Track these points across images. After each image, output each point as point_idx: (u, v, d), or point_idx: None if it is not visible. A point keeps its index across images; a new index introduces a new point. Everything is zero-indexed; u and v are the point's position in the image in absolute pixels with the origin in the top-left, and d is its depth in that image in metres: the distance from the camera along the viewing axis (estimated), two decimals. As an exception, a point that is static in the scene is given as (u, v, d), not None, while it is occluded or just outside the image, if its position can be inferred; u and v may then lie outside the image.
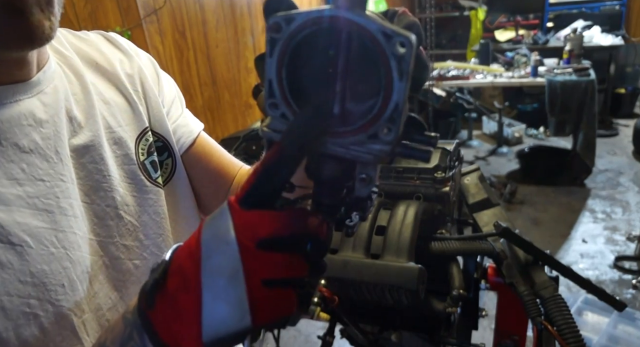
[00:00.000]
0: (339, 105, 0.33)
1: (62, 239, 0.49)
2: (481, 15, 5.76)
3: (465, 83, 4.27)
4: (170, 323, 0.36)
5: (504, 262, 0.92)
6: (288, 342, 2.34)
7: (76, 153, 0.54)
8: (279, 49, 0.33)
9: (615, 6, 5.66)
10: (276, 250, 0.34)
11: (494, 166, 4.46)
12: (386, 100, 0.31)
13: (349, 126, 0.33)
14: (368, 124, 0.32)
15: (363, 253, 0.88)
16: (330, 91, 0.33)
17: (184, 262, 0.36)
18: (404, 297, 0.83)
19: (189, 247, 0.36)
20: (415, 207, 0.92)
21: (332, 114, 0.33)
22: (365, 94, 0.32)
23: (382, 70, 0.31)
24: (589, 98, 3.55)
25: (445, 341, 0.97)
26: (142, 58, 0.70)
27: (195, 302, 0.34)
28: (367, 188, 0.35)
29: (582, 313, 2.24)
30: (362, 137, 0.33)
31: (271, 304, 0.35)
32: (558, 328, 0.78)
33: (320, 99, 0.33)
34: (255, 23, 3.13)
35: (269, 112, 0.35)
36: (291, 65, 0.33)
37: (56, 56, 0.58)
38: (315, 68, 0.33)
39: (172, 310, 0.36)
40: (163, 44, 2.32)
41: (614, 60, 5.25)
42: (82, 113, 0.56)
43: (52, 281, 0.47)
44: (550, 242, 3.07)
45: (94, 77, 0.61)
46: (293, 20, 0.32)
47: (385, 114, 0.32)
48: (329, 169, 0.35)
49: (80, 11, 2.05)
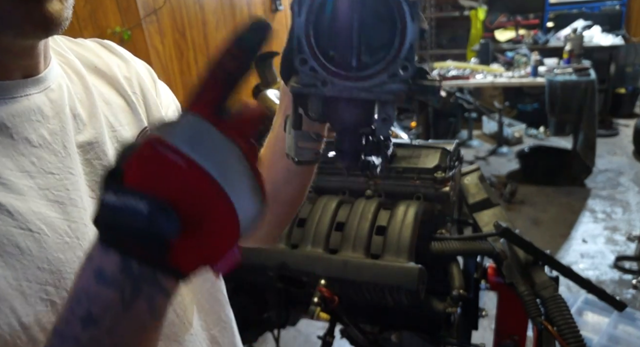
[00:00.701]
0: (356, 58, 0.37)
1: (75, 230, 0.50)
2: (481, 15, 5.75)
3: (465, 83, 4.26)
4: (196, 253, 0.35)
5: (504, 262, 0.92)
6: (288, 342, 2.34)
7: (81, 149, 0.55)
8: (306, 9, 0.38)
9: (615, 6, 5.66)
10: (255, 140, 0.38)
11: (494, 166, 4.46)
12: (402, 42, 0.36)
13: (368, 71, 0.37)
14: (387, 65, 0.37)
15: (363, 253, 0.88)
16: (348, 45, 0.37)
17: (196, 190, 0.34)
18: (404, 298, 0.83)
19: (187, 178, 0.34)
20: (415, 207, 0.92)
21: (350, 66, 0.38)
22: (377, 47, 0.37)
23: (396, 16, 0.36)
24: (589, 98, 3.55)
25: (445, 341, 0.97)
26: (138, 64, 0.71)
27: (230, 215, 0.35)
28: (387, 127, 0.39)
29: (582, 313, 2.24)
30: (383, 78, 0.37)
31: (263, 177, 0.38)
32: (558, 328, 0.78)
33: (341, 53, 0.38)
34: (255, 23, 3.13)
35: (299, 67, 0.39)
36: (317, 24, 0.38)
37: (58, 58, 0.59)
38: (336, 25, 0.38)
39: (198, 240, 0.35)
40: (163, 44, 2.32)
41: (614, 60, 5.25)
42: (85, 111, 0.57)
43: (67, 269, 0.48)
44: (550, 242, 3.07)
45: (94, 79, 0.62)
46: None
47: (402, 54, 0.37)
48: (350, 114, 0.40)
49: (80, 11, 2.05)
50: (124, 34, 2.10)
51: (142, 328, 0.36)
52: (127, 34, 2.11)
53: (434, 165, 0.99)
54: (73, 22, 1.84)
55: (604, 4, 5.69)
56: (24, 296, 0.44)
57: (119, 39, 2.11)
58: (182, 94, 2.53)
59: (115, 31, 2.08)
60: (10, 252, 0.43)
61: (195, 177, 0.34)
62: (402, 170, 1.01)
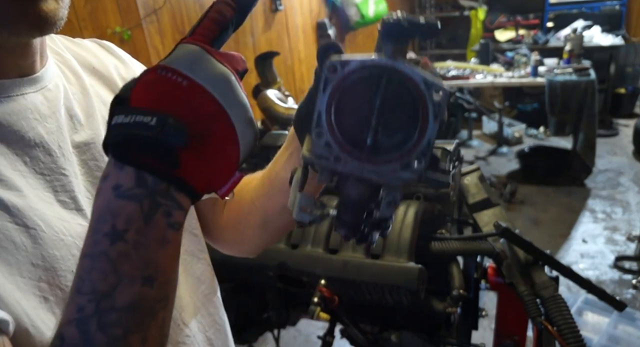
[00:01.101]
0: (372, 137, 0.39)
1: (69, 229, 0.50)
2: (481, 15, 5.75)
3: (465, 83, 4.27)
4: (203, 170, 0.38)
5: (504, 262, 0.92)
6: (288, 342, 2.34)
7: (78, 150, 0.55)
8: (332, 88, 0.39)
9: (615, 6, 5.66)
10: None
11: (494, 166, 4.46)
12: (421, 137, 0.38)
13: (382, 156, 0.39)
14: (403, 155, 0.39)
15: (363, 253, 0.88)
16: (366, 125, 0.39)
17: (198, 106, 0.37)
18: (404, 297, 0.83)
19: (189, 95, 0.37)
20: (415, 207, 0.92)
21: (364, 144, 0.39)
22: (395, 131, 0.39)
23: (420, 113, 0.38)
24: (589, 98, 3.55)
25: (445, 341, 0.97)
26: (136, 65, 0.71)
27: (231, 134, 0.39)
28: (390, 210, 0.41)
29: (582, 313, 2.24)
30: (396, 166, 0.39)
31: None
32: (558, 328, 0.78)
33: (358, 132, 0.40)
34: (255, 23, 3.13)
35: (315, 139, 0.40)
36: (339, 103, 0.40)
37: (55, 57, 0.59)
38: (357, 105, 0.40)
39: (204, 157, 0.38)
40: (163, 44, 2.32)
41: (614, 60, 5.25)
42: (82, 111, 0.57)
43: (62, 266, 0.48)
44: (550, 242, 3.07)
45: (92, 79, 0.62)
46: (347, 64, 0.39)
47: (419, 148, 0.38)
48: (357, 191, 0.41)
49: (80, 11, 2.05)
50: (124, 34, 2.10)
51: (165, 241, 0.38)
52: (127, 34, 2.11)
53: (434, 165, 0.99)
54: (73, 22, 1.86)
55: (604, 4, 5.69)
56: (18, 291, 0.44)
57: (119, 39, 2.11)
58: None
59: (115, 31, 2.08)
60: (6, 247, 0.43)
61: (197, 94, 0.37)
62: (402, 170, 1.01)
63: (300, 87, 3.77)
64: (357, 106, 0.39)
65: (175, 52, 0.39)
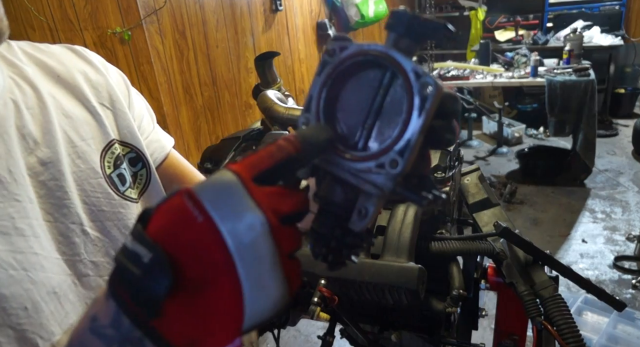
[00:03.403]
0: (364, 140, 0.35)
1: (22, 261, 0.47)
2: (481, 15, 5.75)
3: (465, 83, 4.27)
4: (189, 326, 0.31)
5: (504, 262, 0.92)
6: (288, 342, 2.34)
7: (33, 171, 0.52)
8: (327, 71, 0.36)
9: (615, 6, 5.66)
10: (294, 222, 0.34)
11: (494, 166, 4.46)
12: (401, 134, 0.33)
13: (360, 152, 0.35)
14: (379, 152, 0.34)
15: (363, 253, 0.88)
16: (359, 124, 0.35)
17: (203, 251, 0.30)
18: (404, 297, 0.83)
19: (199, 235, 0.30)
20: (415, 207, 0.92)
21: (355, 146, 0.35)
22: (388, 137, 0.34)
23: (405, 106, 0.33)
24: (588, 98, 3.55)
25: (445, 341, 0.97)
26: (110, 72, 0.68)
27: (234, 297, 0.31)
28: (361, 222, 0.36)
29: (582, 313, 2.24)
30: (370, 165, 0.34)
31: (296, 272, 0.34)
32: (558, 328, 0.79)
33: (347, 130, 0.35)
34: (255, 23, 3.13)
35: (300, 126, 0.37)
36: (332, 90, 0.37)
37: (9, 69, 0.56)
38: (352, 100, 0.36)
39: (193, 312, 0.31)
40: (163, 44, 2.32)
41: (613, 61, 5.25)
42: (38, 128, 0.54)
43: (12, 304, 0.46)
44: (550, 242, 3.07)
45: (55, 89, 0.59)
46: (346, 48, 0.36)
47: (397, 146, 0.33)
48: (333, 193, 0.37)
49: (81, 11, 2.05)
50: (124, 34, 2.10)
51: None
52: (127, 34, 2.11)
53: (434, 165, 0.99)
54: (73, 23, 1.86)
55: (603, 4, 5.69)
56: None
57: (119, 39, 2.11)
58: (183, 94, 2.53)
59: (116, 31, 2.08)
60: None
61: (208, 236, 0.30)
62: (402, 170, 1.01)
63: (300, 87, 3.77)
64: (355, 100, 0.36)
65: (212, 177, 0.32)
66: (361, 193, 0.36)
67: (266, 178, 0.32)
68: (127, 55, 2.17)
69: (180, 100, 2.48)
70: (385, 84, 0.35)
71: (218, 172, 0.32)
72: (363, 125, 0.35)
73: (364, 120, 0.35)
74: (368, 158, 0.34)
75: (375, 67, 0.35)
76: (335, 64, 0.36)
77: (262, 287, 0.31)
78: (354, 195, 0.36)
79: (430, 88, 0.33)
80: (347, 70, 0.36)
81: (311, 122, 0.37)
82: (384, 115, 0.35)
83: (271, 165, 0.32)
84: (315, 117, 0.37)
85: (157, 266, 0.30)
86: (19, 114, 0.52)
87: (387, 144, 0.34)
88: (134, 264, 0.30)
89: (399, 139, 0.33)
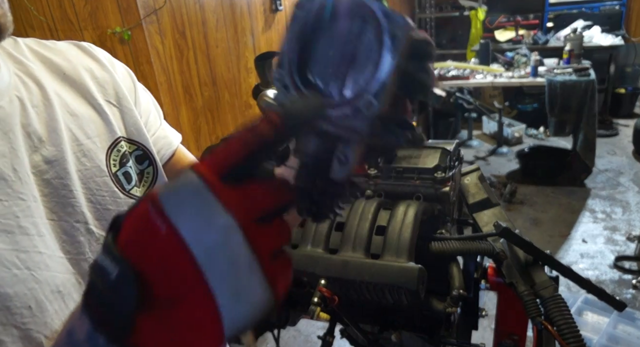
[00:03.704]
0: (337, 90, 0.35)
1: (26, 260, 0.47)
2: (481, 15, 5.75)
3: (465, 83, 4.27)
4: (165, 341, 0.30)
5: (504, 262, 0.92)
6: (288, 342, 2.34)
7: (38, 170, 0.52)
8: (297, 25, 0.36)
9: (615, 6, 5.66)
10: (273, 218, 0.32)
11: (494, 166, 4.46)
12: (373, 76, 0.33)
13: (335, 100, 0.35)
14: (354, 97, 0.34)
15: (363, 253, 0.88)
16: (332, 75, 0.35)
17: (170, 264, 0.29)
18: (404, 297, 0.83)
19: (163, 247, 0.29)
20: (415, 207, 0.92)
21: (331, 97, 0.35)
22: (358, 76, 0.34)
23: (374, 44, 0.33)
24: (589, 98, 3.55)
25: (445, 341, 0.97)
26: (117, 68, 0.68)
27: (208, 309, 0.29)
28: (342, 170, 0.35)
29: (582, 313, 2.24)
30: (346, 110, 0.34)
31: (283, 272, 0.32)
32: (558, 328, 0.78)
33: (321, 82, 0.35)
34: (255, 23, 3.13)
35: (275, 83, 0.37)
36: (305, 43, 0.36)
37: (15, 65, 0.56)
38: (324, 51, 0.35)
39: (168, 326, 0.30)
40: (163, 44, 2.31)
41: (614, 60, 5.25)
42: (43, 126, 0.54)
43: (16, 303, 0.46)
44: (550, 242, 3.07)
45: (60, 87, 0.59)
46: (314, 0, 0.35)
47: (371, 88, 0.33)
48: (312, 145, 0.36)
49: (80, 11, 2.05)
50: (124, 34, 2.10)
51: None
52: (127, 34, 2.11)
53: (434, 165, 0.99)
54: (73, 22, 1.86)
55: (603, 4, 5.69)
56: None
57: (119, 39, 2.11)
58: (182, 94, 2.53)
59: (116, 31, 2.08)
60: None
61: (172, 247, 0.28)
62: (402, 170, 1.01)
63: (300, 87, 3.76)
64: (322, 48, 0.35)
65: (176, 179, 0.30)
66: (340, 141, 0.35)
67: (239, 172, 0.30)
68: (126, 55, 2.17)
69: (180, 100, 2.48)
70: (356, 31, 0.34)
71: (183, 173, 0.30)
72: (336, 74, 0.35)
73: (336, 70, 0.35)
74: (344, 104, 0.34)
75: (346, 17, 0.35)
76: (305, 17, 0.36)
77: (240, 295, 0.29)
78: (333, 144, 0.36)
79: (399, 27, 0.33)
80: (317, 22, 0.36)
81: (284, 78, 0.36)
82: (357, 63, 0.34)
83: (243, 157, 0.30)
84: (288, 72, 0.36)
85: (123, 282, 0.28)
86: (24, 112, 0.52)
87: (361, 88, 0.34)
88: (102, 280, 0.29)
89: (372, 81, 0.33)
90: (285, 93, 0.37)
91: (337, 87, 0.35)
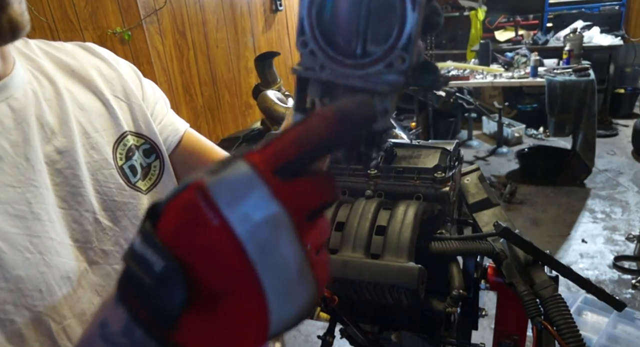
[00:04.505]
0: (361, 46, 0.36)
1: (38, 244, 0.49)
2: (481, 15, 5.76)
3: (465, 83, 4.27)
4: (209, 337, 0.29)
5: (504, 262, 0.92)
6: (288, 342, 2.35)
7: (50, 159, 0.54)
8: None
9: (615, 6, 5.66)
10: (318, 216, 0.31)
11: (494, 166, 4.47)
12: (400, 31, 0.35)
13: (366, 59, 0.36)
14: (385, 54, 0.36)
15: (363, 253, 0.88)
16: (353, 32, 0.36)
17: (220, 259, 0.27)
18: (404, 297, 0.83)
19: (215, 240, 0.27)
20: (415, 207, 0.92)
21: (355, 54, 0.36)
22: (384, 36, 0.36)
23: (398, 4, 0.35)
24: (588, 98, 3.56)
25: (445, 341, 0.97)
26: (122, 66, 0.70)
27: (257, 307, 0.28)
28: (384, 121, 0.37)
29: (582, 313, 2.24)
30: (379, 67, 0.36)
31: (325, 267, 0.31)
32: (558, 328, 0.79)
33: (344, 41, 0.36)
34: (255, 23, 3.13)
35: (300, 49, 0.38)
36: (321, 6, 0.37)
37: (27, 62, 0.58)
38: (342, 11, 0.37)
39: (212, 323, 0.29)
40: (163, 44, 2.32)
41: (613, 61, 5.25)
42: (55, 119, 0.56)
43: (28, 286, 0.47)
44: (550, 242, 3.08)
45: (70, 83, 0.61)
46: None
47: (400, 44, 0.35)
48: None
49: (81, 11, 2.05)
50: (124, 35, 2.10)
51: None
52: (127, 35, 2.11)
53: (434, 165, 0.99)
54: (74, 23, 1.86)
55: (603, 4, 5.69)
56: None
57: (119, 39, 2.11)
58: (183, 94, 2.53)
59: (116, 31, 2.08)
60: None
61: (224, 241, 0.27)
62: (402, 170, 1.01)
63: (300, 87, 3.77)
64: (343, 11, 0.37)
65: (227, 169, 0.28)
66: (376, 95, 0.37)
67: (291, 169, 0.28)
68: (127, 55, 2.17)
69: (180, 100, 2.48)
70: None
71: (234, 163, 0.28)
72: (357, 32, 0.36)
73: (357, 27, 0.36)
74: (376, 61, 0.36)
75: None
76: None
77: (288, 293, 0.29)
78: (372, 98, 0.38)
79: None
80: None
81: (309, 44, 0.37)
82: (374, 18, 0.36)
83: (297, 156, 0.28)
84: (312, 37, 0.37)
85: (171, 277, 0.27)
86: (38, 104, 0.54)
87: (391, 43, 0.35)
88: (145, 272, 0.28)
89: (400, 36, 0.35)
90: (311, 58, 0.37)
91: (360, 43, 0.36)
